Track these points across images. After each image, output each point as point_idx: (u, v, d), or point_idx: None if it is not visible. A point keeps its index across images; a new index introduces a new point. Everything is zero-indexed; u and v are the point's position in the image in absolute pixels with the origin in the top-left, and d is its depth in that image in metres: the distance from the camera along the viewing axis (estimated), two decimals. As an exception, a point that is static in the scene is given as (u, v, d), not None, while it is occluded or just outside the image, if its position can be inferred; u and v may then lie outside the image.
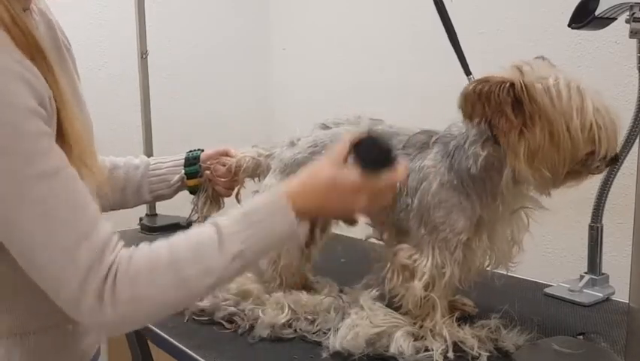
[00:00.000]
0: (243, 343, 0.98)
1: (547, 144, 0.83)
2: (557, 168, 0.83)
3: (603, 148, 0.83)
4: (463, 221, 0.93)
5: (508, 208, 0.94)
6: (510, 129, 0.84)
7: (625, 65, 1.36)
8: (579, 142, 0.82)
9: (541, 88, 0.82)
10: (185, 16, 2.32)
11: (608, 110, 0.83)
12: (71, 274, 0.68)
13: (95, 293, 0.68)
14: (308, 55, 2.37)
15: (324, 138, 1.07)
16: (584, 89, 0.83)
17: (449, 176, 0.93)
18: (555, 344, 0.89)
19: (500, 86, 0.82)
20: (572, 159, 0.83)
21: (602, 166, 0.86)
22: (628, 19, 0.94)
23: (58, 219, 0.67)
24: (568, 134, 0.82)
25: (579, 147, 0.82)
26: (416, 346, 0.91)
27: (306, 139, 1.10)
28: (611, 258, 1.23)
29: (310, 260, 1.14)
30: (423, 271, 0.94)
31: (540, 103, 0.82)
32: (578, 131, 0.81)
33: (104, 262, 0.69)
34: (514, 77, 0.83)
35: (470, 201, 0.92)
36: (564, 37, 1.16)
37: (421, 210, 0.95)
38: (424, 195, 0.95)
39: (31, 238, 0.67)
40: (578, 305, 1.14)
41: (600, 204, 1.17)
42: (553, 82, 0.82)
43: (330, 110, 1.16)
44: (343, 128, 1.07)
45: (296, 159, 1.08)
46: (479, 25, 1.70)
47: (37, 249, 0.67)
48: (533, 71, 0.84)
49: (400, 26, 1.99)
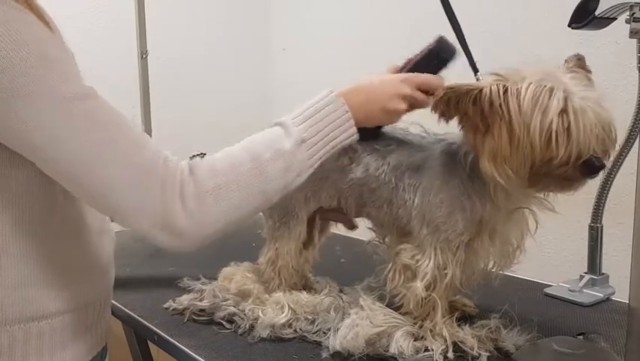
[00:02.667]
0: (243, 343, 0.98)
1: (507, 144, 0.83)
2: (519, 169, 0.83)
3: (562, 152, 0.80)
4: (464, 221, 0.93)
5: (508, 208, 0.94)
6: (476, 133, 0.86)
7: (625, 65, 1.36)
8: (536, 143, 0.81)
9: (512, 90, 0.83)
10: (185, 16, 2.32)
11: (585, 113, 0.80)
12: (148, 180, 0.69)
13: (173, 190, 0.70)
14: (308, 55, 2.37)
15: None
16: (566, 91, 0.81)
17: (450, 175, 0.94)
18: (555, 344, 0.89)
19: (469, 92, 0.84)
20: (532, 160, 0.82)
21: (576, 173, 0.82)
22: (628, 19, 0.94)
23: (113, 132, 0.68)
24: (527, 135, 0.81)
25: (536, 148, 0.81)
26: (416, 346, 0.91)
27: None
28: (611, 258, 1.23)
29: (310, 260, 1.14)
30: (425, 271, 0.94)
31: (504, 107, 0.82)
32: (536, 131, 0.81)
33: (170, 159, 0.72)
34: (489, 82, 0.85)
35: (471, 201, 0.92)
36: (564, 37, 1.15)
37: (423, 210, 0.95)
38: (426, 194, 0.95)
39: (89, 156, 0.67)
40: (578, 305, 1.14)
41: (600, 204, 1.17)
42: (526, 84, 0.82)
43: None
44: None
45: None
46: (479, 25, 1.70)
47: (99, 165, 0.67)
48: (516, 73, 0.85)
49: (400, 26, 1.99)
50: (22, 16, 0.65)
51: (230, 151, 0.80)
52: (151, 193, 0.70)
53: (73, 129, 0.66)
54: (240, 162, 0.78)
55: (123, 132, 0.70)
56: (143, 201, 0.70)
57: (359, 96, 0.90)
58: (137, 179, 0.69)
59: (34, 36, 0.65)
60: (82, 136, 0.67)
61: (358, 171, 1.01)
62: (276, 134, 0.83)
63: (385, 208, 1.00)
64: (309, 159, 0.83)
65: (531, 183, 0.85)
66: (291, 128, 0.82)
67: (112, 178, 0.68)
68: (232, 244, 1.24)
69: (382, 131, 1.01)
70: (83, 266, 0.83)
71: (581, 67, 0.89)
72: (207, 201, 0.73)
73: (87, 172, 0.68)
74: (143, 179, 0.69)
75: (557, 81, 0.82)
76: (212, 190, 0.73)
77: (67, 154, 0.67)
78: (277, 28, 2.51)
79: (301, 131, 0.82)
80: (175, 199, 0.71)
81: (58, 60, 0.67)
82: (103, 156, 0.68)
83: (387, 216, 1.01)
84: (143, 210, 0.70)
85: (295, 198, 1.06)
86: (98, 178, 0.68)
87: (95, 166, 0.68)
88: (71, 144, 0.66)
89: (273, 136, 0.82)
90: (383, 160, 1.00)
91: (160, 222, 0.71)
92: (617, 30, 1.01)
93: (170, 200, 0.71)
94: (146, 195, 0.70)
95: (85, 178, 0.68)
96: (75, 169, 0.68)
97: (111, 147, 0.68)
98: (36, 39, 0.65)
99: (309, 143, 0.82)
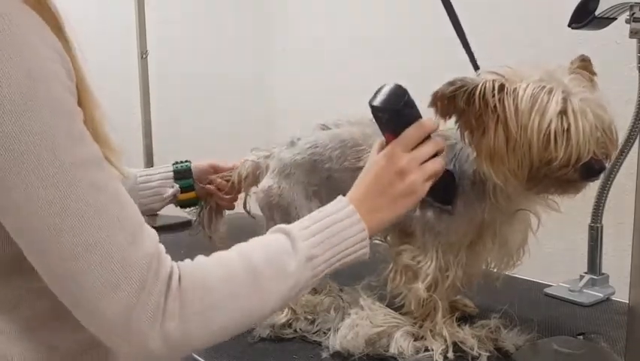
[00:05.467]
0: (243, 343, 0.98)
1: (504, 145, 0.81)
2: (516, 171, 0.82)
3: (561, 154, 0.79)
4: (465, 225, 0.93)
5: (509, 210, 0.93)
6: (471, 131, 0.85)
7: (625, 65, 1.36)
8: (533, 144, 0.79)
9: (510, 89, 0.81)
10: (185, 16, 2.32)
11: (586, 115, 0.78)
12: (125, 278, 0.57)
13: (155, 304, 0.58)
14: (308, 55, 2.37)
15: (324, 139, 1.07)
16: (564, 92, 0.79)
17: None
18: (555, 344, 0.89)
19: (464, 88, 0.82)
20: (530, 161, 0.81)
21: (576, 176, 0.81)
22: (628, 19, 0.94)
23: (107, 213, 0.57)
24: (524, 136, 0.80)
25: (534, 149, 0.80)
26: (416, 346, 0.91)
27: (306, 139, 1.09)
28: (611, 258, 1.23)
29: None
30: (426, 272, 0.93)
31: (500, 106, 0.81)
32: (534, 132, 0.79)
33: (164, 265, 0.60)
34: (486, 79, 0.82)
35: (471, 204, 0.92)
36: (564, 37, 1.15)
37: (424, 214, 0.95)
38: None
39: (74, 236, 0.55)
40: (578, 305, 1.14)
41: (600, 204, 1.17)
42: (525, 84, 0.81)
43: (330, 110, 1.16)
44: (344, 130, 1.07)
45: (295, 159, 1.07)
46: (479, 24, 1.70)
47: (81, 249, 0.55)
48: (517, 73, 0.84)
49: (400, 26, 1.99)
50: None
51: (227, 262, 0.67)
52: (122, 294, 0.57)
53: (69, 202, 0.55)
54: (237, 280, 0.65)
55: (124, 215, 0.59)
56: (110, 300, 0.57)
57: (371, 202, 0.77)
58: (114, 273, 0.57)
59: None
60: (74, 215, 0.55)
61: None
62: (281, 248, 0.70)
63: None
64: (315, 276, 0.71)
65: (530, 184, 0.84)
66: (298, 242, 0.70)
67: (85, 262, 0.56)
68: (232, 244, 1.24)
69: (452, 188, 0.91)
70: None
71: (584, 68, 0.88)
72: (192, 324, 0.61)
73: (58, 247, 0.56)
74: (119, 275, 0.57)
75: (557, 82, 0.81)
76: (200, 312, 0.61)
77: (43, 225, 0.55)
78: (277, 28, 2.51)
79: (310, 246, 0.70)
80: (152, 313, 0.58)
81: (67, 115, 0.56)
82: (85, 236, 0.56)
83: None
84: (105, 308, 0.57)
85: (296, 198, 1.06)
86: (70, 257, 0.56)
87: (71, 245, 0.55)
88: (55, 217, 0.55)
89: (277, 250, 0.70)
90: None
91: (122, 332, 0.58)
92: (617, 30, 1.01)
93: (144, 311, 0.58)
94: (115, 295, 0.57)
95: (54, 255, 0.56)
96: (45, 242, 0.56)
97: (103, 231, 0.57)
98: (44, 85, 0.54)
99: (318, 261, 0.71)
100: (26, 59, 0.53)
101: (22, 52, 0.53)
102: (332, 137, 1.06)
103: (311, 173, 1.06)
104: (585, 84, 0.84)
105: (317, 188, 1.05)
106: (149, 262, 0.59)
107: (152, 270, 0.59)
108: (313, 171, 1.06)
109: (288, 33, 2.47)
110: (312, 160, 1.05)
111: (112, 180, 0.60)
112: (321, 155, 1.05)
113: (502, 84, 0.82)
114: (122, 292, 0.57)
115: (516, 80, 0.83)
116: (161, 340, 0.59)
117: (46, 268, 0.58)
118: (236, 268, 0.66)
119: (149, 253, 0.59)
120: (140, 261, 0.58)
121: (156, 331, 0.58)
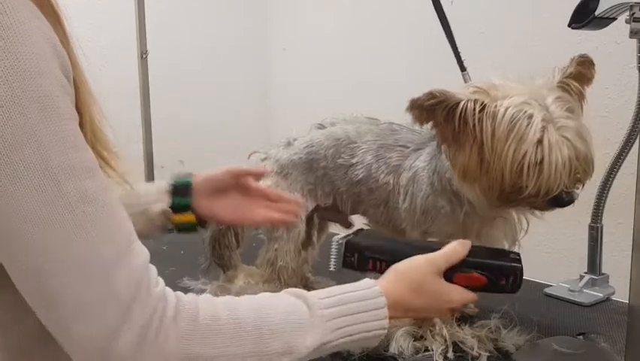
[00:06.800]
0: (243, 343, 0.97)
1: (478, 165, 0.82)
2: (487, 191, 0.82)
3: (532, 185, 0.79)
4: (450, 225, 0.93)
5: (488, 216, 0.93)
6: (447, 145, 0.85)
7: (625, 65, 1.36)
8: (506, 172, 0.80)
9: (489, 110, 0.80)
10: (185, 16, 2.32)
11: (561, 150, 0.78)
12: (108, 299, 0.51)
13: (138, 332, 0.51)
14: (308, 55, 2.37)
15: (320, 138, 1.07)
16: (546, 119, 0.79)
17: (434, 178, 0.95)
18: (555, 344, 0.89)
19: (445, 104, 0.82)
20: (501, 186, 0.81)
21: (544, 205, 0.82)
22: (628, 19, 0.94)
23: (94, 226, 0.51)
24: (497, 162, 0.80)
25: (506, 175, 0.80)
26: (416, 346, 0.91)
27: (303, 139, 1.09)
28: (611, 258, 1.23)
29: (309, 260, 1.14)
30: None
31: (478, 126, 0.80)
32: (507, 160, 0.79)
33: (153, 289, 0.54)
34: (467, 96, 0.82)
35: (452, 206, 0.93)
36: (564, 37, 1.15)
37: (411, 213, 0.96)
38: (414, 198, 0.96)
39: (54, 248, 0.50)
40: (578, 305, 1.14)
41: (600, 204, 1.16)
42: (505, 105, 0.80)
43: (330, 109, 1.16)
44: (339, 128, 1.08)
45: (292, 160, 1.08)
46: (479, 24, 1.70)
47: (59, 263, 0.50)
48: (500, 89, 0.83)
49: (399, 26, 1.99)
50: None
51: (236, 314, 0.59)
52: (103, 317, 0.51)
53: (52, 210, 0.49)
54: (241, 340, 0.57)
55: (114, 230, 0.53)
56: (89, 322, 0.51)
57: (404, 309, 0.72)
58: (95, 292, 0.51)
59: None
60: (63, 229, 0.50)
61: (359, 170, 1.01)
62: (297, 316, 0.62)
63: (382, 208, 1.01)
64: (318, 353, 0.65)
65: (499, 203, 0.84)
66: (316, 325, 0.63)
67: (64, 277, 0.50)
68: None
69: None
70: None
71: (579, 74, 0.87)
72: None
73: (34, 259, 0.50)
74: (101, 294, 0.51)
75: (540, 104, 0.80)
76: (189, 357, 0.54)
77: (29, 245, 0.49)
78: (277, 28, 2.51)
79: (328, 331, 0.64)
80: (135, 343, 0.52)
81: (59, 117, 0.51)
82: (66, 248, 0.50)
83: (383, 215, 1.02)
84: (82, 331, 0.51)
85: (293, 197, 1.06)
86: (48, 271, 0.50)
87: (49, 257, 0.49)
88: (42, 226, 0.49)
89: (290, 318, 0.62)
90: (384, 160, 1.00)
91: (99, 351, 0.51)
92: (617, 30, 1.01)
93: (125, 338, 0.51)
94: (94, 317, 0.51)
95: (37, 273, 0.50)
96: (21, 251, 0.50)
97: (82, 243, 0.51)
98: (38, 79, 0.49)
99: (330, 345, 0.64)
100: (19, 52, 0.49)
101: (17, 44, 0.49)
102: (327, 135, 1.07)
103: (308, 172, 1.06)
104: (569, 105, 0.83)
105: (312, 186, 1.06)
106: (137, 285, 0.52)
107: (139, 295, 0.52)
108: (310, 170, 1.06)
109: (288, 33, 2.47)
110: (308, 159, 1.06)
111: (103, 191, 0.54)
112: (317, 153, 1.06)
113: (484, 103, 0.81)
114: (103, 314, 0.51)
115: (498, 98, 0.81)
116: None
117: (21, 281, 0.52)
118: (245, 327, 0.58)
119: (137, 274, 0.53)
120: (126, 281, 0.52)
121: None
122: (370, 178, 1.01)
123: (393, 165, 1.00)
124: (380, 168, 1.01)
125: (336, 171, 1.04)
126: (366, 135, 1.03)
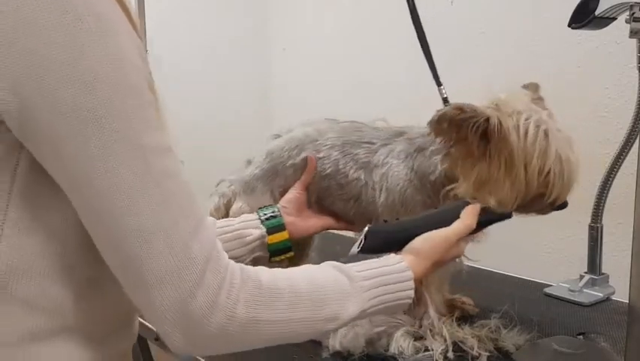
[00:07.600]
0: (243, 343, 0.97)
1: (502, 178, 0.85)
2: (506, 201, 0.86)
3: (554, 194, 0.87)
4: None
5: None
6: (467, 157, 0.87)
7: (625, 65, 1.36)
8: (533, 183, 0.86)
9: (512, 125, 0.85)
10: (185, 16, 2.32)
11: (570, 161, 0.86)
12: (185, 267, 0.57)
13: (212, 297, 0.58)
14: (308, 55, 2.37)
15: (277, 145, 1.09)
16: (554, 133, 0.86)
17: (412, 176, 0.96)
18: (555, 344, 0.89)
19: (475, 119, 0.84)
20: (523, 197, 0.86)
21: (548, 210, 0.90)
22: (628, 19, 0.94)
23: (175, 200, 0.57)
24: (524, 174, 0.85)
25: (532, 187, 0.86)
26: (416, 346, 0.91)
27: (259, 153, 1.11)
28: (611, 258, 1.23)
29: (308, 260, 1.14)
30: None
31: (507, 140, 0.84)
32: (535, 172, 0.85)
33: (222, 260, 0.60)
34: (491, 112, 0.85)
35: (432, 202, 0.95)
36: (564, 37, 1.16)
37: (389, 207, 0.97)
38: (391, 193, 0.97)
39: (146, 220, 0.55)
40: (578, 305, 1.14)
41: (600, 204, 1.17)
42: (524, 121, 0.85)
43: (330, 109, 1.17)
44: (297, 131, 1.09)
45: (255, 174, 1.09)
46: (479, 24, 1.70)
47: (146, 233, 0.55)
48: (509, 105, 0.87)
49: (399, 26, 1.99)
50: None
51: (293, 283, 0.67)
52: (182, 283, 0.57)
53: (146, 193, 0.56)
54: (297, 307, 0.66)
55: (191, 204, 0.60)
56: (169, 288, 0.57)
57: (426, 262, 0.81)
58: (175, 261, 0.57)
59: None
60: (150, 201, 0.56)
61: (326, 165, 1.03)
62: (342, 287, 0.71)
63: (352, 203, 1.02)
64: (360, 318, 0.74)
65: (515, 210, 0.89)
66: (357, 292, 0.71)
67: (149, 247, 0.56)
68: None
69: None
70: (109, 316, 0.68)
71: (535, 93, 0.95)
72: (244, 328, 0.61)
73: (123, 230, 0.56)
74: (180, 263, 0.57)
75: (544, 120, 0.86)
76: (255, 321, 0.62)
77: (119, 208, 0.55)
78: (277, 28, 2.51)
79: (366, 300, 0.72)
80: (208, 307, 0.58)
81: (147, 103, 0.58)
82: (151, 221, 0.56)
83: (352, 209, 1.03)
84: (163, 296, 0.57)
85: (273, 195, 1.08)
86: (137, 245, 0.56)
87: (136, 228, 0.55)
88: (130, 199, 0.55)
89: (337, 288, 0.70)
90: (351, 156, 1.02)
91: (176, 322, 0.58)
92: (617, 30, 1.01)
93: (200, 303, 0.58)
94: (174, 284, 0.57)
95: (124, 240, 0.56)
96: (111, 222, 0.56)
97: (165, 216, 0.57)
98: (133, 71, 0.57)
99: (366, 313, 0.73)
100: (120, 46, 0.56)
101: (118, 39, 0.56)
102: (287, 140, 1.09)
103: (274, 178, 1.08)
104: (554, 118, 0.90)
105: (282, 189, 1.07)
106: (209, 255, 0.59)
107: (211, 262, 0.59)
108: (276, 175, 1.07)
109: (288, 33, 2.47)
110: (271, 166, 1.07)
111: (180, 169, 0.60)
112: (279, 158, 1.07)
113: (499, 119, 0.85)
114: (181, 279, 0.57)
115: (510, 113, 0.86)
116: (212, 335, 0.59)
117: (105, 248, 0.58)
118: (302, 295, 0.67)
119: (209, 245, 0.59)
120: (201, 252, 0.58)
121: (209, 326, 0.59)
122: (339, 173, 1.02)
123: (363, 162, 1.01)
124: (348, 163, 1.02)
125: (302, 162, 1.05)
126: (328, 133, 1.05)
